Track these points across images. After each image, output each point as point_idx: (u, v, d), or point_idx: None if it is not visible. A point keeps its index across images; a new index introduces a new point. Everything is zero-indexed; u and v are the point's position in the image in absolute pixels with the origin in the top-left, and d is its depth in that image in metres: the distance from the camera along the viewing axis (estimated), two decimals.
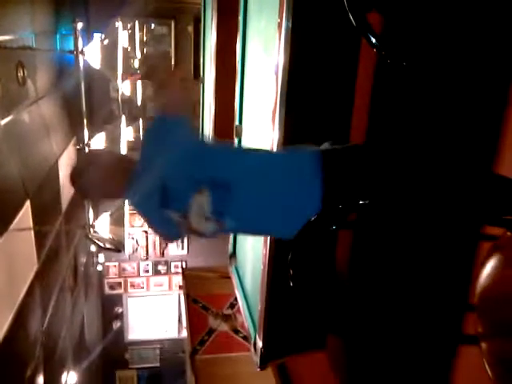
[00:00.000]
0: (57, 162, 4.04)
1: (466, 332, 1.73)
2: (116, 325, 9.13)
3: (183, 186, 1.67)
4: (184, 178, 1.68)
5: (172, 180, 1.69)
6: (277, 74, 2.37)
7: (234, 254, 3.99)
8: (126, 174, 1.77)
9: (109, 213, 5.26)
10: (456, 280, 1.86)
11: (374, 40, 1.67)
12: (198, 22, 6.94)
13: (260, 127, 2.99)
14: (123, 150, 5.95)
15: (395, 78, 2.48)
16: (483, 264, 1.28)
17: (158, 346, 9.47)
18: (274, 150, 2.32)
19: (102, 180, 1.76)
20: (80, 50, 3.96)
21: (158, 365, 9.50)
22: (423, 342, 2.12)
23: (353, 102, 2.56)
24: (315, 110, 2.50)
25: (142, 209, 1.81)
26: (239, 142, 3.58)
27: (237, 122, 3.64)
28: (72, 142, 4.91)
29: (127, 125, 6.52)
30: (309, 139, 2.42)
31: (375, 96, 2.66)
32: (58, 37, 3.63)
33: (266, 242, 2.63)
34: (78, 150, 4.79)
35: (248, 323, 3.29)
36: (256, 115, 3.20)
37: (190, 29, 7.69)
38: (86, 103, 4.91)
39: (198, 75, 6.62)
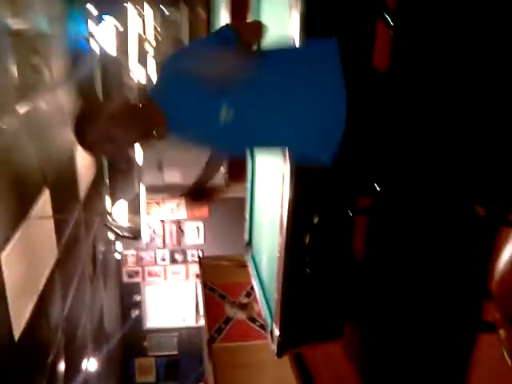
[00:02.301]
0: (73, 150, 4.07)
1: (484, 319, 1.72)
2: (134, 313, 9.26)
3: None
4: None
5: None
6: None
7: (250, 243, 4.01)
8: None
9: (126, 200, 5.30)
10: (474, 267, 1.84)
11: None
12: (209, 4, 6.94)
13: None
14: None
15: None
16: (501, 250, 1.26)
17: (176, 333, 9.59)
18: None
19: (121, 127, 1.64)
20: (93, 35, 3.94)
21: (176, 352, 9.62)
22: (441, 331, 2.11)
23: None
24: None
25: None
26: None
27: None
28: None
29: None
30: None
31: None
32: (70, 22, 3.60)
33: (282, 230, 2.64)
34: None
35: (265, 311, 3.31)
36: None
37: (203, 12, 7.61)
38: (101, 90, 4.88)
39: None
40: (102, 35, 4.55)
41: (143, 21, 7.28)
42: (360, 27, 2.21)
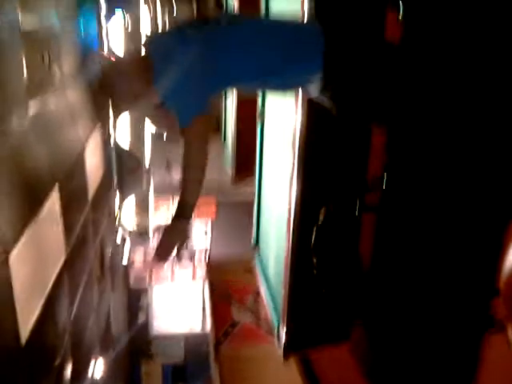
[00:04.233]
0: (83, 148, 4.06)
1: (492, 317, 1.70)
2: (141, 318, 9.25)
3: None
4: None
5: None
6: None
7: (257, 244, 4.01)
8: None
9: (134, 199, 5.28)
10: (483, 265, 1.82)
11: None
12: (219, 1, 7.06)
13: (283, 110, 2.98)
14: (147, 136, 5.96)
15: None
16: (509, 248, 1.25)
17: (183, 339, 9.57)
18: None
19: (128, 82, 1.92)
20: (104, 32, 3.98)
21: (182, 358, 9.60)
22: (449, 330, 2.09)
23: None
24: None
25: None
26: (262, 125, 3.58)
27: (260, 106, 3.64)
28: (97, 128, 4.93)
29: None
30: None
31: None
32: (81, 20, 3.64)
33: (289, 232, 2.63)
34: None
35: (271, 314, 3.30)
36: (279, 99, 3.18)
37: (212, 6, 7.71)
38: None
39: None
40: (113, 32, 4.57)
41: (152, 17, 7.33)
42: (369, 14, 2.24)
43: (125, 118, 5.65)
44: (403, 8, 1.96)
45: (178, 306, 9.37)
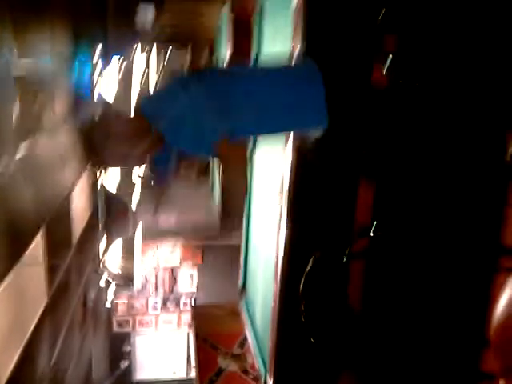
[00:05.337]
0: (70, 193, 4.06)
1: (483, 368, 1.68)
2: (124, 364, 8.99)
3: None
4: None
5: None
6: None
7: (244, 288, 3.96)
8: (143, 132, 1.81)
9: (120, 245, 5.24)
10: (471, 314, 1.81)
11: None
12: (213, 47, 7.23)
13: (271, 156, 3.01)
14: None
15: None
16: (498, 298, 1.25)
17: None
18: None
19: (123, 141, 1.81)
20: (98, 75, 4.02)
21: None
22: (440, 379, 2.05)
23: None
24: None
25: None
26: (251, 169, 3.60)
27: (249, 149, 3.67)
28: (85, 172, 4.93)
29: None
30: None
31: None
32: (76, 63, 3.67)
33: (276, 277, 2.61)
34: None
35: (258, 362, 3.22)
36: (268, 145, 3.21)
37: (206, 54, 7.91)
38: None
39: None
40: (108, 77, 4.61)
41: (147, 59, 7.48)
42: (357, 63, 2.30)
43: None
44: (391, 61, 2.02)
45: (162, 353, 9.14)
